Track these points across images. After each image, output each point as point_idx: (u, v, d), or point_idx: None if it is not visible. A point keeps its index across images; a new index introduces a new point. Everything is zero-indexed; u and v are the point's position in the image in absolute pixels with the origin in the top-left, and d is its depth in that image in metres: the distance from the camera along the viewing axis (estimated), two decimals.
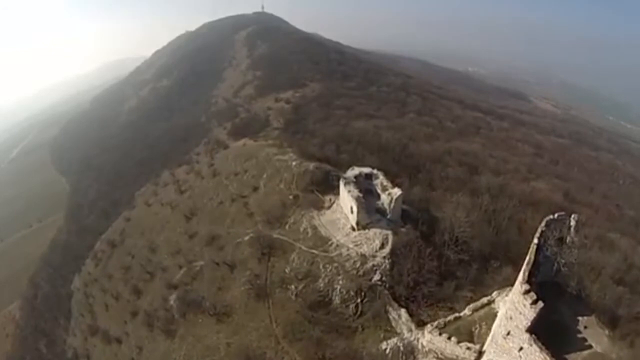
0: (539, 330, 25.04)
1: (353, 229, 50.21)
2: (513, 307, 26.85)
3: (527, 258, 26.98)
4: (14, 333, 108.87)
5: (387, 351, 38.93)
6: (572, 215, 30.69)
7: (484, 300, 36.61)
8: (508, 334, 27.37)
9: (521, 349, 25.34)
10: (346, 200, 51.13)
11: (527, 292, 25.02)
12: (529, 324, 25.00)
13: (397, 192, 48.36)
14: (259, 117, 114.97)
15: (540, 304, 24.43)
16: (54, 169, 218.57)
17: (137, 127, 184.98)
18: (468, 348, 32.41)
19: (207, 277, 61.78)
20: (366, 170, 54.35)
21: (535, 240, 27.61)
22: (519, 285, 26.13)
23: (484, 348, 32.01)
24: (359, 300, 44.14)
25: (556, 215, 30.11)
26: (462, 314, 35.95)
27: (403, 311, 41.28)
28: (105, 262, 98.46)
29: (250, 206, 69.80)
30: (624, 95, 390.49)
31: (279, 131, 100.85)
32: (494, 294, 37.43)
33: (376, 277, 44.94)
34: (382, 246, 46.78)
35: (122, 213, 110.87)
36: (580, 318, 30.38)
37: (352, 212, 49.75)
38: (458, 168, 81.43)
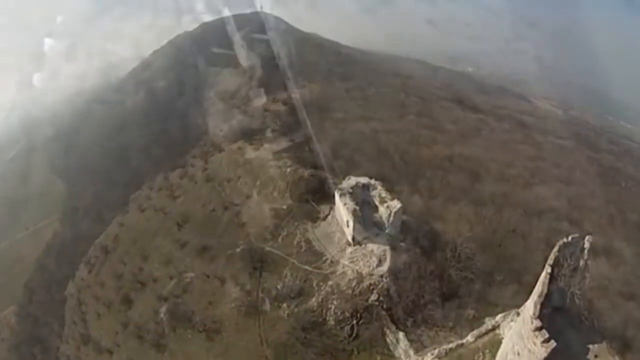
0: None
1: (349, 244, 47.53)
2: (522, 343, 24.52)
3: (540, 290, 24.49)
4: (9, 338, 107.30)
5: None
6: (587, 237, 28.49)
7: (488, 325, 34.18)
8: None
9: None
10: (342, 213, 48.33)
11: (538, 329, 22.76)
12: None
13: (396, 205, 45.41)
14: (256, 119, 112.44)
15: (553, 344, 22.16)
16: (51, 170, 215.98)
17: (135, 128, 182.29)
18: None
19: (197, 290, 59.50)
20: (363, 180, 51.03)
21: (549, 269, 25.11)
22: (530, 319, 23.75)
23: None
24: (354, 321, 41.50)
25: (570, 237, 27.70)
26: (464, 340, 33.56)
27: (401, 335, 38.74)
28: (99, 269, 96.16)
29: (243, 215, 67.13)
30: (624, 95, 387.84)
31: (275, 134, 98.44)
32: (499, 317, 34.99)
33: (373, 297, 42.22)
34: (380, 263, 43.93)
35: (116, 218, 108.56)
36: (590, 346, 28.20)
37: (347, 225, 47.05)
38: (460, 174, 78.93)
